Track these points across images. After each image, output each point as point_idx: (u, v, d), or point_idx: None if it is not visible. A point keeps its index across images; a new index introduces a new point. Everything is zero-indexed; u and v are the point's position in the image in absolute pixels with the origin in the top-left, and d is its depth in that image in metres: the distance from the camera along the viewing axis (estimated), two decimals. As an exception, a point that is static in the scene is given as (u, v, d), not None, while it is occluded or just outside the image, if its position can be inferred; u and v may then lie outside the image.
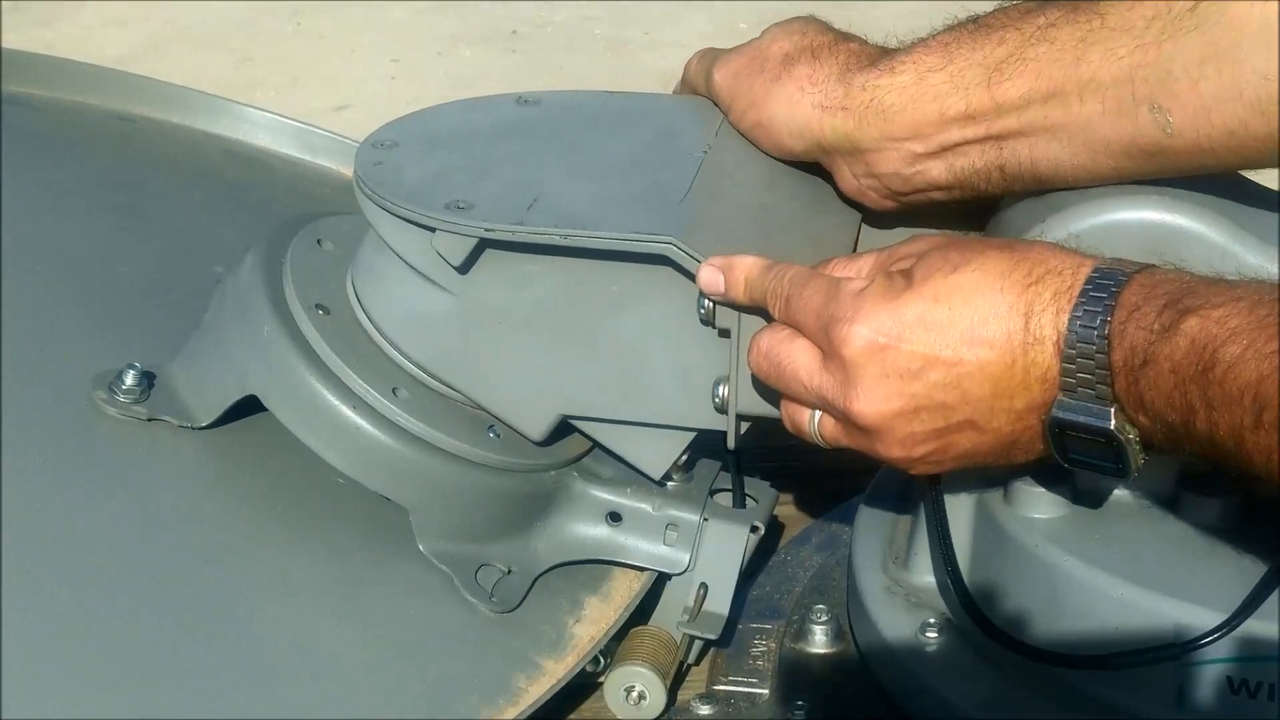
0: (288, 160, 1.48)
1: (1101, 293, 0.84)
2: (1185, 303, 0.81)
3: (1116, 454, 0.86)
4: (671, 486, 1.08)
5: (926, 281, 0.88)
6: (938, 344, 0.87)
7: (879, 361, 0.88)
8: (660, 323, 0.99)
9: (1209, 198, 0.97)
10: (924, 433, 0.90)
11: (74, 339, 1.10)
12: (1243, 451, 0.79)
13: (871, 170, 1.03)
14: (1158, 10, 0.94)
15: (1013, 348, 0.86)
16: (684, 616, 1.07)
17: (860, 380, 0.89)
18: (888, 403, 0.89)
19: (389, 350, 1.04)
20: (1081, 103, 0.96)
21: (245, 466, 1.04)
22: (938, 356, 0.87)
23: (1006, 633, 0.98)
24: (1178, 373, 0.80)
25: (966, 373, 0.87)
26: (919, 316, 0.87)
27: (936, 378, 0.88)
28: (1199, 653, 0.91)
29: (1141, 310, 0.83)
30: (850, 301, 0.89)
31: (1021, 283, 0.86)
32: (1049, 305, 0.85)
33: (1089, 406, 0.85)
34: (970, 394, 0.88)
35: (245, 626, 0.96)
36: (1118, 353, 0.83)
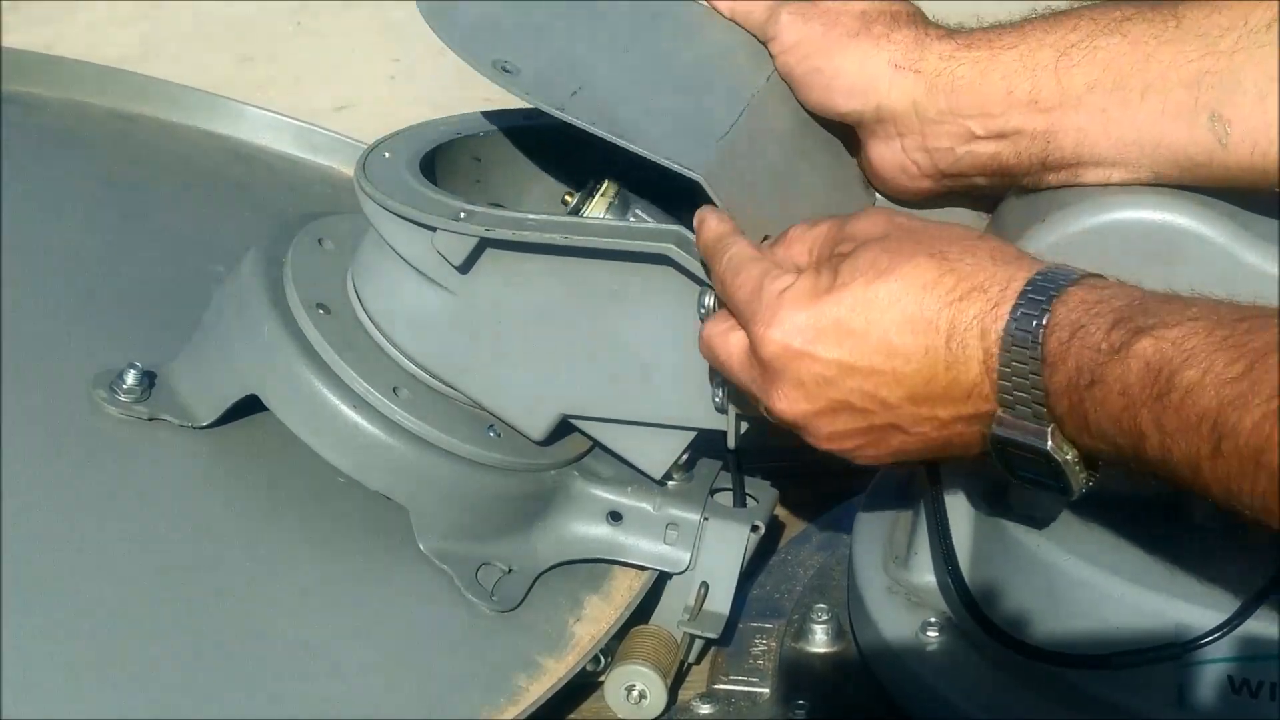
0: (288, 160, 1.48)
1: (1033, 310, 0.82)
2: (1138, 322, 0.79)
3: (1056, 474, 0.85)
4: (672, 486, 1.08)
5: (848, 287, 0.87)
6: (854, 353, 0.86)
7: (794, 366, 0.88)
8: (660, 322, 0.99)
9: (1209, 198, 0.97)
10: (847, 430, 0.89)
11: (74, 339, 1.10)
12: (1199, 480, 0.76)
13: (925, 144, 1.02)
14: (1234, 21, 0.94)
15: (932, 362, 0.85)
16: (684, 616, 1.07)
17: (779, 381, 0.89)
18: (808, 403, 0.89)
19: (389, 350, 1.04)
20: (1143, 100, 0.95)
21: (245, 466, 1.04)
22: (853, 365, 0.87)
23: (1007, 632, 0.98)
24: (1128, 395, 0.78)
25: (883, 382, 0.86)
26: (836, 323, 0.87)
27: (853, 385, 0.87)
28: (1199, 652, 0.91)
29: (1087, 328, 0.80)
30: (771, 302, 0.89)
31: (944, 299, 0.85)
32: (972, 324, 0.84)
33: (1026, 425, 0.84)
34: (888, 402, 0.87)
35: (245, 626, 0.96)
36: (1060, 374, 0.81)
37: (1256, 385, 0.73)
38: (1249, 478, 0.74)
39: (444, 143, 1.08)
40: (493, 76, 0.96)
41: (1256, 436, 0.73)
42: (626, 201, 1.06)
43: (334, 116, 3.56)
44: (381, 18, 4.33)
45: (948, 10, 1.07)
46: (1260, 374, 0.73)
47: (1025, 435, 0.84)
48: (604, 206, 1.05)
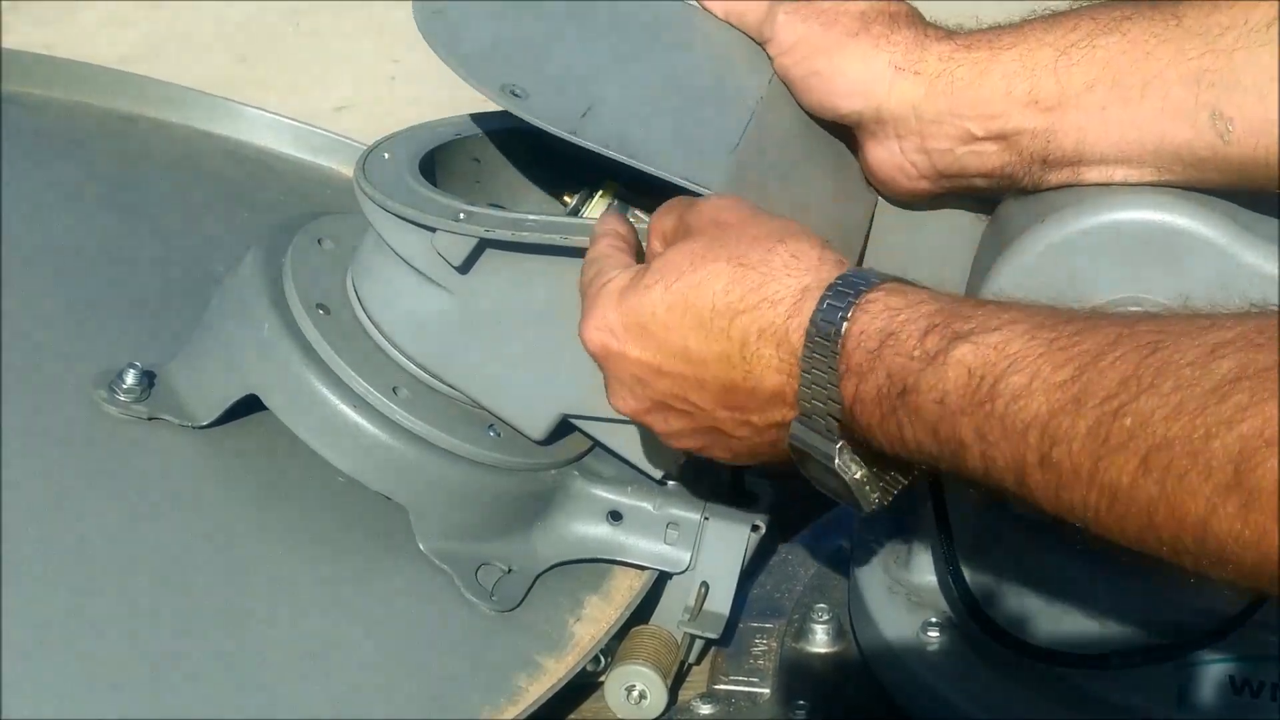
0: (288, 160, 1.48)
1: (831, 318, 0.80)
2: (954, 327, 0.76)
3: (846, 489, 0.83)
4: (672, 486, 1.08)
5: (650, 289, 0.87)
6: (657, 355, 0.87)
7: (612, 365, 0.89)
8: (660, 322, 0.99)
9: (1209, 198, 0.97)
10: (681, 430, 0.90)
11: (74, 339, 1.10)
12: (1025, 488, 0.74)
13: (924, 145, 1.02)
14: (1234, 20, 0.93)
15: (729, 369, 0.84)
16: (685, 615, 1.07)
17: (608, 378, 0.91)
18: (635, 400, 0.90)
19: (389, 349, 1.04)
20: (1143, 98, 0.96)
21: (245, 466, 1.04)
22: (658, 367, 0.87)
23: (1007, 632, 0.98)
24: (945, 404, 0.75)
25: (690, 386, 0.86)
26: (642, 325, 0.87)
27: (663, 386, 0.87)
28: (1199, 652, 0.91)
29: (898, 335, 0.78)
30: (592, 297, 0.90)
31: (735, 307, 0.84)
32: (765, 334, 0.83)
33: (818, 438, 0.82)
34: (700, 406, 0.87)
35: (245, 626, 0.96)
36: (870, 383, 0.78)
37: (1089, 389, 0.70)
38: (1081, 487, 0.71)
39: (443, 143, 1.08)
40: (502, 101, 0.96)
41: (1092, 441, 0.70)
42: (626, 202, 1.06)
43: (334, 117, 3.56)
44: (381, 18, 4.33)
45: (947, 11, 1.07)
46: (1091, 378, 0.70)
47: (815, 449, 0.82)
48: (604, 207, 1.05)
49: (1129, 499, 0.69)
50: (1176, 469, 0.67)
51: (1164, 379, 0.68)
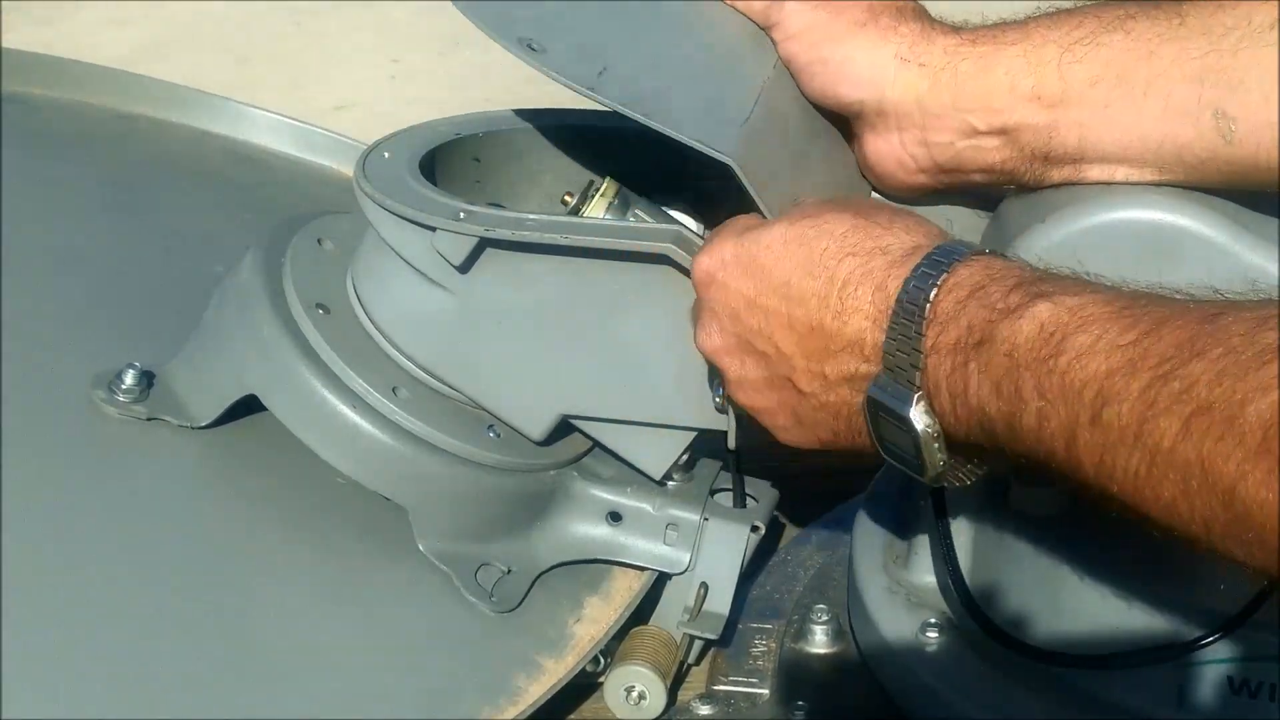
0: (288, 160, 1.48)
1: (933, 271, 0.82)
2: (1039, 287, 0.79)
3: (915, 447, 0.83)
4: (672, 486, 1.08)
5: (775, 225, 0.89)
6: (757, 288, 0.88)
7: (710, 295, 0.91)
8: (661, 322, 0.99)
9: (1209, 197, 0.97)
10: (755, 380, 0.91)
11: (74, 339, 1.10)
12: (1072, 452, 0.74)
13: (925, 138, 1.02)
14: (1238, 20, 0.93)
15: (821, 309, 0.86)
16: (684, 616, 1.07)
17: (701, 311, 0.92)
18: (720, 337, 0.91)
19: (389, 350, 1.04)
20: (1145, 95, 0.95)
21: (245, 466, 1.04)
22: (755, 300, 0.88)
23: (1007, 632, 0.98)
24: (1014, 357, 0.77)
25: (779, 324, 0.88)
26: (752, 257, 0.89)
27: (754, 322, 0.89)
28: (1199, 653, 0.91)
29: (988, 289, 0.80)
30: (717, 231, 0.92)
31: (848, 250, 0.86)
32: (866, 278, 0.85)
33: (897, 389, 0.83)
34: (782, 348, 0.88)
35: (245, 626, 0.96)
36: (951, 332, 0.80)
37: (1147, 352, 0.72)
38: (1126, 449, 0.72)
39: (444, 143, 1.08)
40: (520, 54, 0.96)
41: (1141, 403, 0.71)
42: (626, 201, 1.06)
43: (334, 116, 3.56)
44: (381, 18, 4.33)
45: (952, 9, 1.07)
46: (1151, 342, 0.72)
47: (894, 399, 0.83)
48: (604, 206, 1.05)
49: (1168, 462, 0.70)
50: (1214, 433, 0.68)
51: (1214, 345, 0.69)
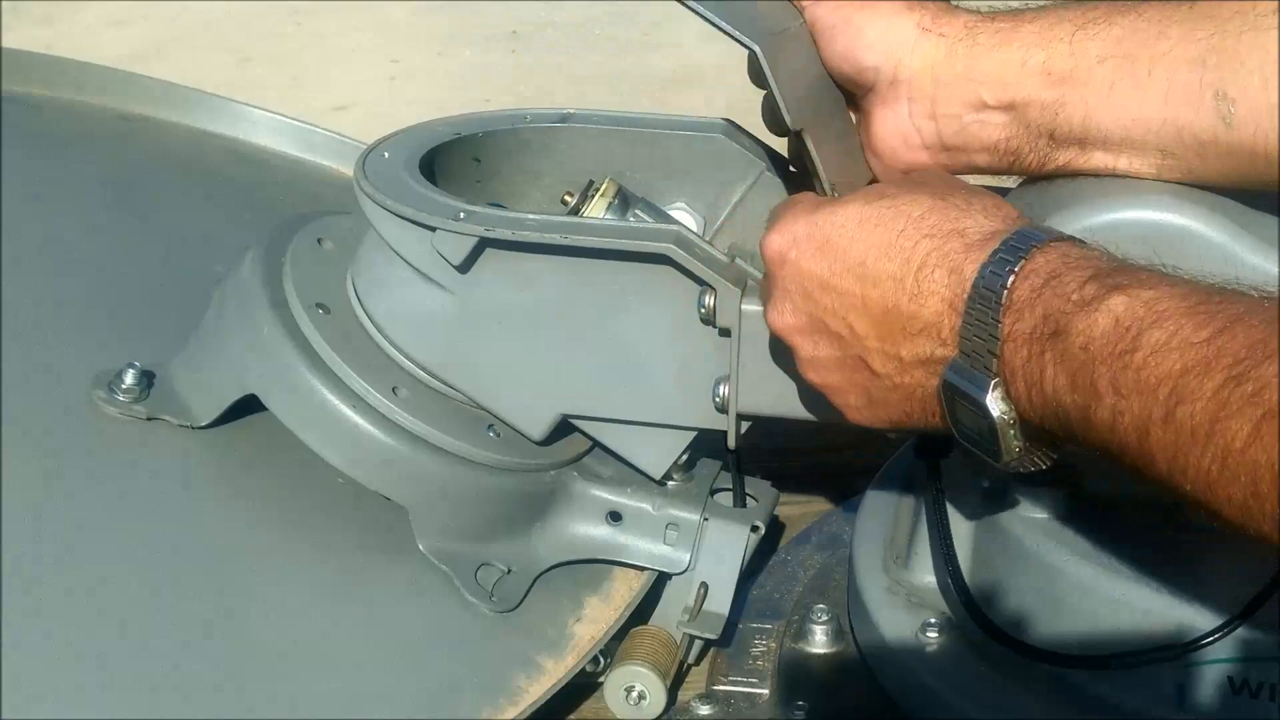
0: (288, 160, 1.48)
1: (1010, 257, 0.82)
2: (1114, 279, 0.78)
3: (990, 433, 0.83)
4: (672, 486, 1.08)
5: (849, 203, 0.89)
6: (831, 269, 0.88)
7: (783, 274, 0.90)
8: (660, 322, 0.99)
9: (1209, 197, 0.97)
10: (827, 359, 0.90)
11: (74, 339, 1.10)
12: (1145, 448, 0.75)
13: (934, 110, 1.02)
14: (1243, 5, 0.94)
15: (897, 291, 0.86)
16: (684, 616, 1.07)
17: (773, 288, 0.91)
18: (793, 316, 0.90)
19: (389, 349, 1.04)
20: (1150, 75, 0.96)
21: (245, 466, 1.04)
22: (828, 281, 0.88)
23: (1007, 632, 0.98)
24: (1089, 350, 0.77)
25: (853, 305, 0.87)
26: (826, 237, 0.88)
27: (828, 303, 0.88)
28: (1199, 653, 0.91)
29: (1062, 278, 0.80)
30: (783, 210, 0.91)
31: (925, 232, 0.85)
32: (943, 261, 0.84)
33: (974, 374, 0.83)
34: (856, 329, 0.88)
35: (245, 626, 0.96)
36: (1026, 320, 0.80)
37: (1221, 351, 0.72)
38: (1198, 448, 0.72)
39: (444, 143, 1.09)
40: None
41: (1214, 404, 0.71)
42: (626, 201, 1.06)
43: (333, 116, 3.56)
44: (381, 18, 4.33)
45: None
46: (1225, 341, 0.72)
47: (971, 384, 0.83)
48: (603, 206, 1.05)
49: (1239, 463, 0.70)
50: None
51: None
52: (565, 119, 1.12)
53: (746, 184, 1.12)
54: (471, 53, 4.17)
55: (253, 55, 4.12)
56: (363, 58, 4.12)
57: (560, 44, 4.26)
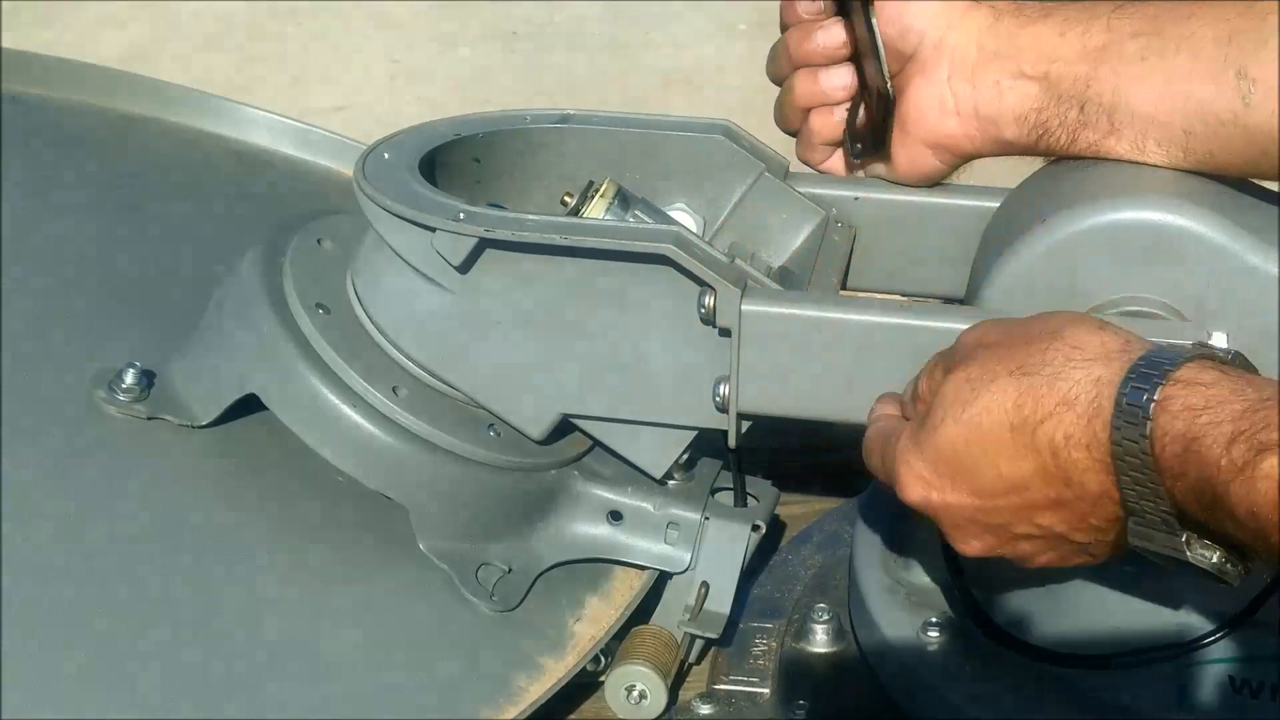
0: (288, 160, 1.48)
1: (1134, 420, 0.77)
2: (1260, 437, 0.73)
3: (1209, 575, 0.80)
4: (673, 485, 1.08)
5: (941, 426, 0.84)
6: (980, 495, 0.84)
7: (943, 515, 0.86)
8: (661, 322, 0.99)
9: (1210, 197, 0.97)
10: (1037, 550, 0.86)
11: (74, 339, 1.10)
12: None
13: (973, 76, 1.03)
14: None
15: (1052, 480, 0.81)
16: (685, 615, 1.07)
17: (947, 529, 0.87)
18: (981, 543, 0.87)
19: (389, 349, 1.04)
20: (1178, 53, 0.97)
21: (245, 465, 1.04)
22: (986, 506, 0.84)
23: (1007, 632, 0.98)
24: (1258, 516, 0.73)
25: (1024, 511, 0.83)
26: (948, 465, 0.84)
27: (1001, 520, 0.85)
28: (1199, 653, 0.91)
29: (1202, 441, 0.75)
30: (891, 461, 0.87)
31: (1031, 420, 0.81)
32: (1070, 441, 0.80)
33: (1158, 535, 0.79)
34: (1041, 523, 0.84)
35: (245, 625, 0.96)
36: (1183, 484, 0.76)
37: None
38: None
39: (443, 143, 1.09)
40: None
41: None
42: (626, 201, 1.06)
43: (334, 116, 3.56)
44: (381, 18, 4.33)
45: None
46: None
47: (1160, 545, 0.79)
48: (603, 207, 1.05)
49: None
50: None
51: None
52: (565, 119, 1.13)
53: (746, 184, 1.12)
54: (471, 53, 4.16)
55: (253, 55, 4.12)
56: (363, 58, 4.12)
57: (560, 44, 4.26)
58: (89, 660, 0.90)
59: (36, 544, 0.94)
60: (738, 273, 0.98)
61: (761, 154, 1.12)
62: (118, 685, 0.89)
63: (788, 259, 1.12)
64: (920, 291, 1.14)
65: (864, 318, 0.97)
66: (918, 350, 0.95)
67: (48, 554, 0.94)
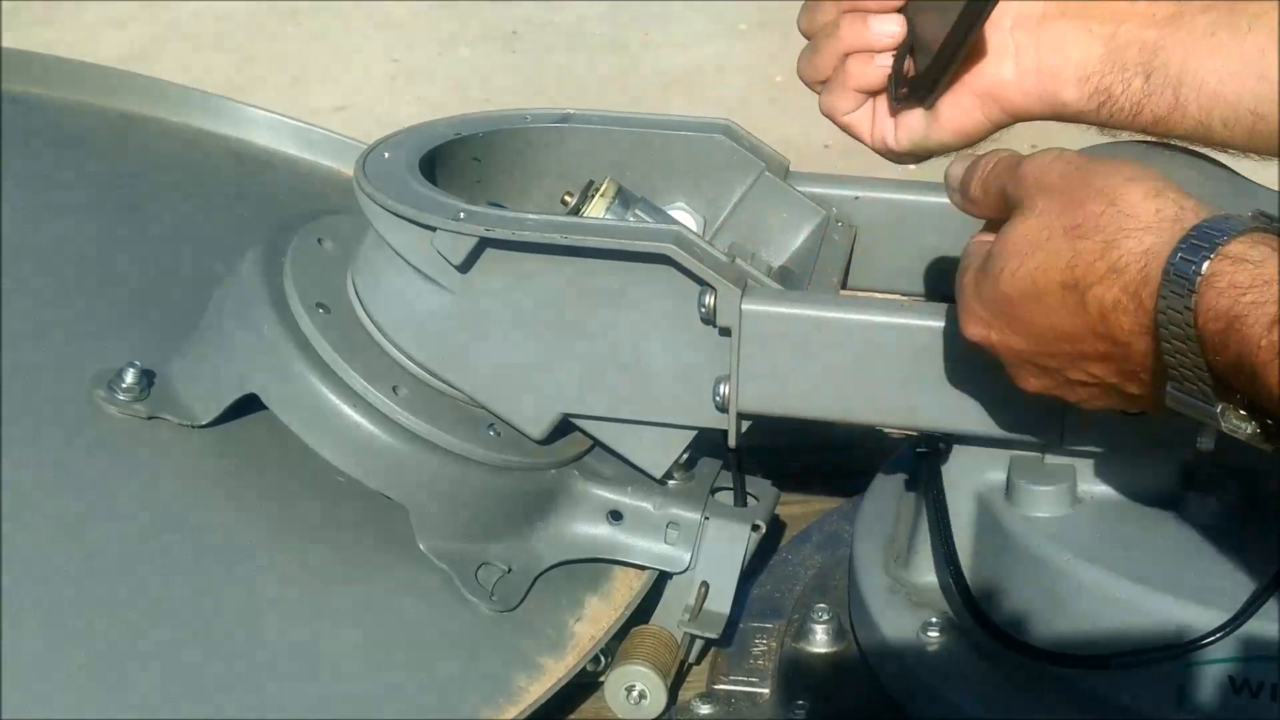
0: (288, 160, 1.48)
1: (1180, 292, 0.78)
2: None
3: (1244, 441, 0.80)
4: (673, 485, 1.08)
5: (999, 276, 0.86)
6: (1036, 341, 0.86)
7: (1002, 353, 0.89)
8: (661, 322, 0.99)
9: (1211, 197, 0.97)
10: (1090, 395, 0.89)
11: (74, 339, 1.10)
12: None
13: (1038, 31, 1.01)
14: None
15: (1101, 336, 0.83)
16: (685, 615, 1.07)
17: (1005, 365, 0.90)
18: (1038, 382, 0.89)
19: (389, 349, 1.04)
20: (1249, 30, 0.96)
21: (245, 465, 1.04)
22: (1042, 350, 0.87)
23: (1007, 632, 0.98)
24: None
25: (1077, 359, 0.86)
26: (1004, 312, 0.86)
27: (1056, 365, 0.87)
28: (1200, 653, 0.91)
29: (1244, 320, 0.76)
30: (958, 293, 0.90)
31: (1082, 283, 0.82)
32: (1118, 309, 0.81)
33: (1197, 404, 0.80)
34: (1094, 373, 0.86)
35: (244, 626, 0.96)
36: (1223, 359, 0.77)
37: None
38: None
39: (444, 143, 1.09)
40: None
41: None
42: (626, 201, 1.06)
43: (334, 116, 3.56)
44: (381, 18, 4.33)
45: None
46: None
47: (1197, 412, 0.81)
48: (604, 206, 1.05)
49: None
50: None
51: None
52: (565, 119, 1.13)
53: (747, 183, 1.12)
54: (471, 53, 4.17)
55: (253, 55, 4.12)
56: (363, 58, 4.12)
57: (560, 44, 4.26)
58: (89, 660, 0.90)
59: (36, 544, 0.94)
60: (738, 272, 0.98)
61: (762, 153, 1.12)
62: (118, 685, 0.89)
63: (788, 259, 1.12)
64: (920, 291, 1.14)
65: (864, 318, 0.97)
66: (918, 350, 0.95)
67: (48, 554, 0.94)
